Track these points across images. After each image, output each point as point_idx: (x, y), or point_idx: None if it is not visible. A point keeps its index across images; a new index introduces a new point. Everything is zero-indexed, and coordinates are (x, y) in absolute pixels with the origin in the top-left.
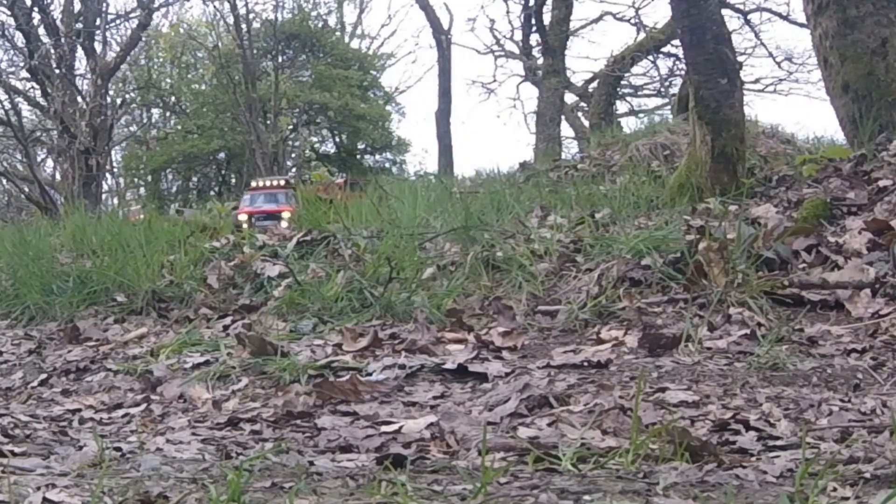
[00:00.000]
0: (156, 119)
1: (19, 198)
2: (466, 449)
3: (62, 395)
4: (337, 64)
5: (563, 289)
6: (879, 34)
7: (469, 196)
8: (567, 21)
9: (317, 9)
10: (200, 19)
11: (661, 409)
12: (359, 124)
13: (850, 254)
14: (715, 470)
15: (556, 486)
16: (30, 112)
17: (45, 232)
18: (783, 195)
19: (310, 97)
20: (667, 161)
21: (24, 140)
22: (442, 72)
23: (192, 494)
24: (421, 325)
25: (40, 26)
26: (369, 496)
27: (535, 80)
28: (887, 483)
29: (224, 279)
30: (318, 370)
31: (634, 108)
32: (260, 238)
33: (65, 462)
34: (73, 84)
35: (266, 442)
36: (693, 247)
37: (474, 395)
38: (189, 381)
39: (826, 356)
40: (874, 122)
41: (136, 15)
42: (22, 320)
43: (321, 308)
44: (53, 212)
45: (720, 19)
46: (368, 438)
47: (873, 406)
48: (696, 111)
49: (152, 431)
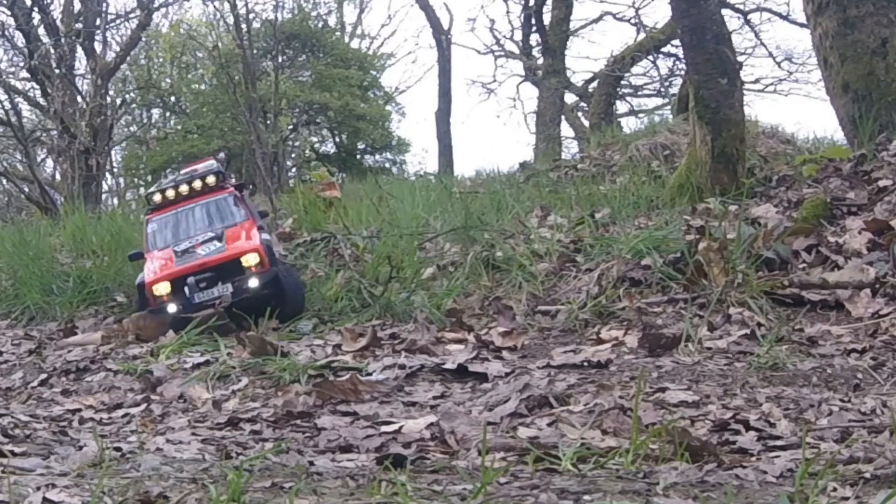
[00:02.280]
0: (156, 119)
1: (19, 198)
2: (466, 449)
3: (62, 395)
4: (337, 64)
5: (563, 289)
6: (879, 34)
7: (469, 196)
8: (567, 21)
9: (317, 9)
10: (200, 19)
11: (661, 409)
12: (359, 124)
13: (850, 254)
14: (715, 470)
15: (556, 486)
16: (30, 112)
17: (45, 232)
18: (783, 195)
19: (310, 97)
20: (667, 161)
21: (24, 140)
22: (442, 72)
23: (192, 494)
24: (421, 325)
25: (40, 26)
26: (369, 496)
27: (535, 80)
28: (887, 483)
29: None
30: (318, 370)
31: (634, 108)
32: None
33: (65, 462)
34: (73, 84)
35: (266, 442)
36: (693, 247)
37: (474, 395)
38: (189, 381)
39: (826, 356)
40: (874, 122)
41: (136, 15)
42: (22, 320)
43: (321, 308)
44: (53, 212)
45: (720, 19)
46: (368, 438)
47: (873, 406)
48: (696, 111)
49: (152, 431)
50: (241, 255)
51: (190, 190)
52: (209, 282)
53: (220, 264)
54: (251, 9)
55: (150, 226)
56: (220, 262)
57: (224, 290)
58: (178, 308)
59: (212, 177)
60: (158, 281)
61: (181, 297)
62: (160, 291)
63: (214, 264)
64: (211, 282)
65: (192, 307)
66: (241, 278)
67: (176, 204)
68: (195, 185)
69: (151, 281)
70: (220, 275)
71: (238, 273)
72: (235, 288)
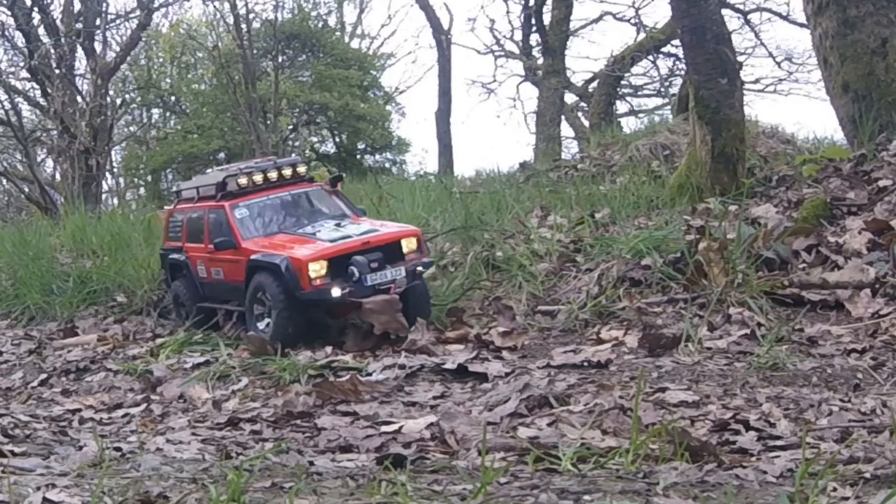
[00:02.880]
0: (156, 119)
1: (19, 198)
2: (466, 449)
3: (62, 395)
4: (337, 64)
5: (563, 289)
6: (879, 34)
7: (469, 196)
8: (567, 21)
9: (317, 9)
10: (200, 19)
11: (661, 409)
12: (359, 124)
13: (850, 254)
14: (715, 470)
15: (556, 486)
16: (30, 112)
17: (45, 232)
18: (783, 195)
19: (310, 97)
20: (667, 161)
21: (24, 140)
22: (442, 72)
23: (192, 494)
24: (421, 325)
25: (40, 26)
26: (369, 496)
27: (535, 80)
28: (887, 483)
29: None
30: (318, 370)
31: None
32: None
33: (65, 462)
34: (73, 84)
35: (266, 442)
36: (693, 247)
37: (474, 395)
38: (189, 381)
39: (826, 356)
40: (874, 122)
41: (136, 15)
42: (22, 320)
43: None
44: (53, 212)
45: (720, 19)
46: (368, 438)
47: (873, 406)
48: (696, 111)
49: (152, 431)
50: (403, 238)
51: (279, 177)
52: (380, 262)
53: (386, 244)
54: (251, 9)
55: (238, 211)
56: (386, 243)
57: (397, 274)
58: (344, 291)
59: (302, 166)
60: (315, 259)
61: (344, 279)
62: (318, 271)
63: (381, 244)
64: (381, 263)
65: (365, 291)
66: (413, 262)
67: (258, 192)
68: (285, 173)
69: (310, 257)
70: (386, 257)
71: (398, 258)
72: (407, 272)
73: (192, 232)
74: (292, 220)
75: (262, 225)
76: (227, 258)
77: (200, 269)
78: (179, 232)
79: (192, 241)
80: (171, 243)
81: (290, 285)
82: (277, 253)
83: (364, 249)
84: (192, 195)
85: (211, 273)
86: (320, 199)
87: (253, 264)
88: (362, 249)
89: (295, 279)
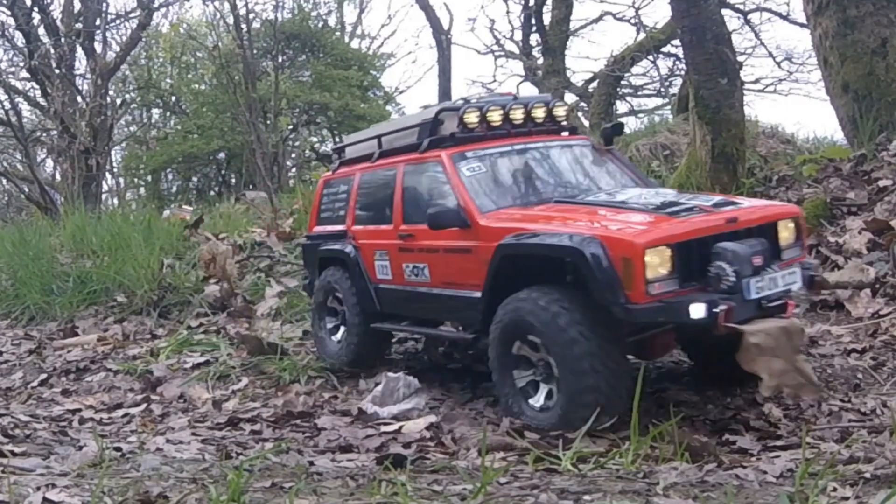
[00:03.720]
0: (156, 119)
1: (19, 198)
2: (466, 449)
3: (62, 395)
4: (337, 64)
5: None
6: (879, 34)
7: None
8: (567, 21)
9: (317, 9)
10: (200, 19)
11: (661, 409)
12: (359, 124)
13: (850, 254)
14: (715, 470)
15: (556, 486)
16: (30, 112)
17: (45, 232)
18: (783, 195)
19: (310, 97)
20: (667, 161)
21: (24, 140)
22: (442, 72)
23: (192, 494)
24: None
25: (40, 26)
26: (369, 496)
27: (535, 80)
28: (887, 483)
29: (225, 291)
30: (318, 370)
31: (634, 108)
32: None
33: (65, 462)
34: (73, 84)
35: (266, 442)
36: None
37: (474, 394)
38: (189, 381)
39: (826, 356)
40: (874, 122)
41: (136, 15)
42: (22, 320)
43: None
44: (53, 212)
45: (720, 19)
46: (368, 438)
47: (873, 406)
48: (696, 111)
49: (152, 431)
50: (780, 219)
51: (526, 119)
52: (765, 257)
53: (759, 227)
54: (251, 9)
55: (467, 166)
56: (763, 223)
57: (792, 280)
58: (717, 310)
59: (560, 107)
60: (653, 244)
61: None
62: (657, 267)
63: (754, 225)
64: (766, 258)
65: (746, 308)
66: (808, 263)
67: (493, 140)
68: (536, 114)
69: (648, 239)
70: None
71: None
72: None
73: (366, 206)
74: (552, 186)
75: (506, 191)
76: (445, 244)
77: (381, 266)
78: (342, 208)
79: (366, 220)
80: (323, 227)
81: (605, 292)
82: (568, 231)
83: (731, 231)
84: (369, 150)
85: (403, 272)
86: (589, 159)
87: (505, 252)
88: (729, 230)
89: (615, 280)
